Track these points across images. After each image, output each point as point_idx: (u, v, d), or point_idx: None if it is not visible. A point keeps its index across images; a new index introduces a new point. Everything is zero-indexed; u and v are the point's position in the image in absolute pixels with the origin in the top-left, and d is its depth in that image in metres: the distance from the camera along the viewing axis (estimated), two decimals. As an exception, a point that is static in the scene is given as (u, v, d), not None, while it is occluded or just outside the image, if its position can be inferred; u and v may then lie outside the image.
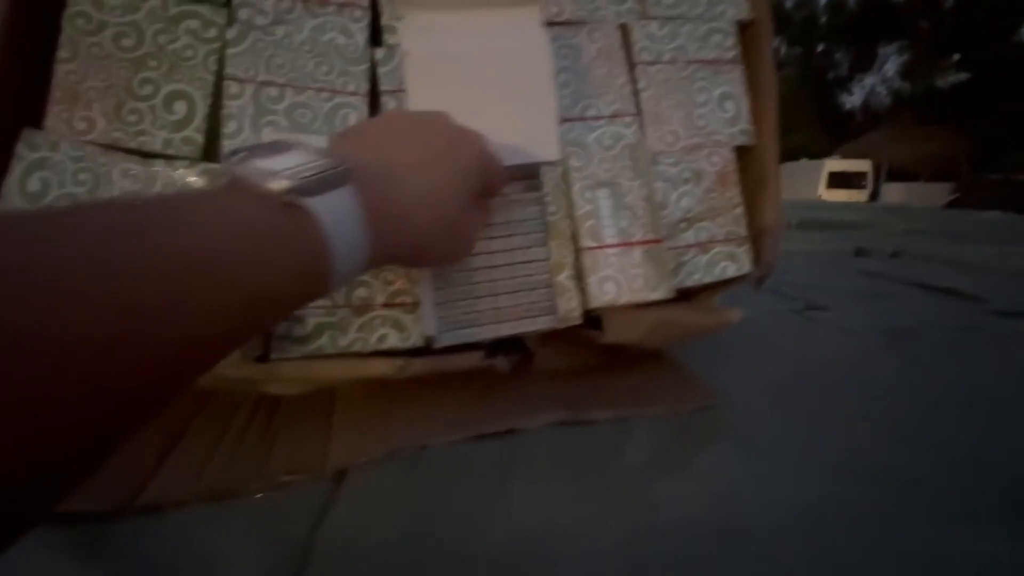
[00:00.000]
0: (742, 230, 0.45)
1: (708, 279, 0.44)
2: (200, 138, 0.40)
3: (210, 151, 0.40)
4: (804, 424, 0.38)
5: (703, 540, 0.26)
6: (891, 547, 0.25)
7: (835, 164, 8.24)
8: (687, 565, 0.24)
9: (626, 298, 0.38)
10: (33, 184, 0.37)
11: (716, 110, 0.46)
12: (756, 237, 0.46)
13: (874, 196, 7.50)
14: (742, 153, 0.46)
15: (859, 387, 0.46)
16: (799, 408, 0.41)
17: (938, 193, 7.63)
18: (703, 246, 0.44)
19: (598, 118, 0.44)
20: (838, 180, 7.84)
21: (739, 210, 0.45)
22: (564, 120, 0.43)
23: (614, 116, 0.44)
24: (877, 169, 8.30)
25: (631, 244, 0.39)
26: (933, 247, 1.38)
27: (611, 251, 0.38)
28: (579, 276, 0.40)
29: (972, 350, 0.57)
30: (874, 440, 0.36)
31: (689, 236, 0.44)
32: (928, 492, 0.30)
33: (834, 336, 0.61)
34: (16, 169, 0.37)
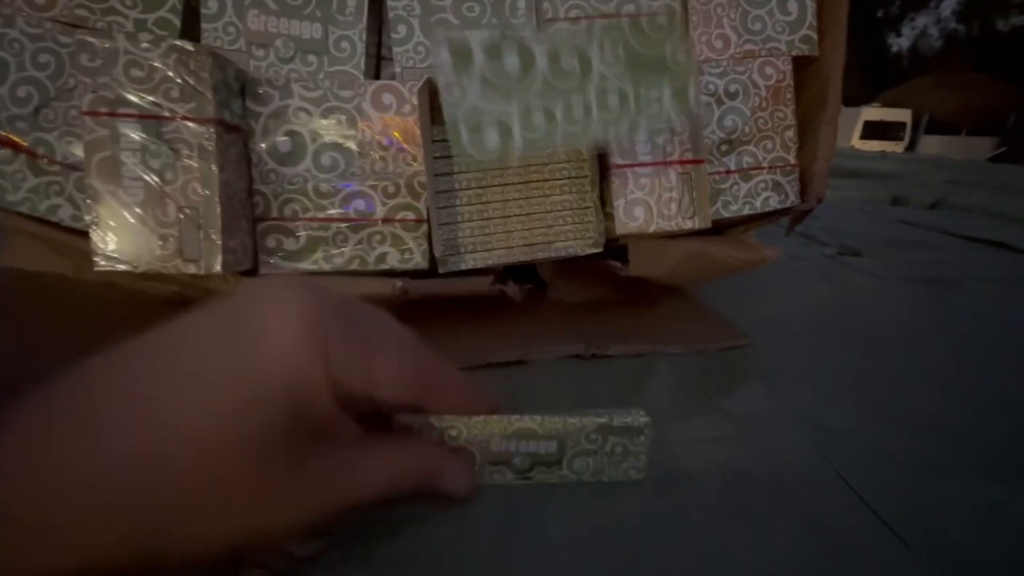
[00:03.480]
0: (791, 156, 0.40)
1: (747, 211, 0.39)
2: (176, 21, 0.35)
3: (187, 35, 0.35)
4: (840, 371, 0.35)
5: (731, 487, 0.23)
6: (938, 501, 0.23)
7: (872, 113, 7.74)
8: (713, 513, 0.22)
9: (657, 225, 0.34)
10: (-10, 66, 0.32)
11: (775, 12, 0.39)
12: (805, 166, 0.41)
13: (910, 148, 7.10)
14: (800, 65, 0.40)
15: (899, 335, 0.42)
16: (834, 354, 0.38)
17: (980, 147, 7.18)
18: (744, 172, 0.39)
19: (636, 16, 0.37)
20: (874, 130, 7.39)
21: (790, 133, 0.40)
22: (597, 17, 0.37)
23: (655, 14, 0.37)
24: (917, 119, 7.79)
25: (667, 163, 0.34)
26: (975, 199, 1.29)
27: (643, 170, 0.34)
28: (605, 198, 0.36)
29: (1018, 302, 0.53)
30: (918, 390, 0.33)
31: (730, 161, 0.39)
32: (976, 444, 0.27)
33: (869, 283, 0.57)
34: (-31, 48, 0.32)
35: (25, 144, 0.33)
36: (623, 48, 0.27)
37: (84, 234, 0.33)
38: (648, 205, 0.34)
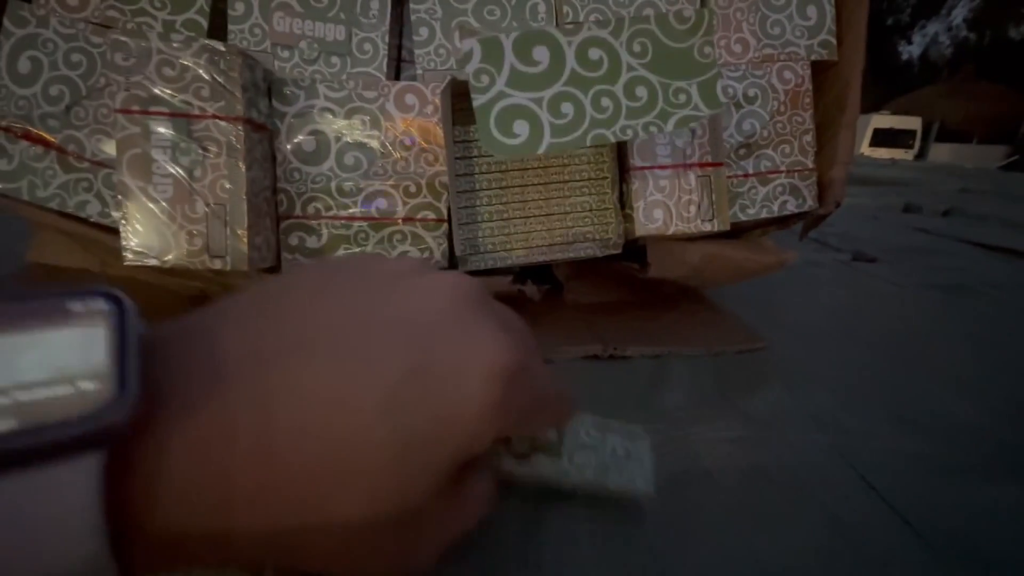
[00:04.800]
0: (809, 161, 0.40)
1: (765, 214, 0.39)
2: (204, 22, 0.35)
3: (213, 37, 0.36)
4: (858, 374, 0.35)
5: (751, 485, 0.23)
6: (958, 501, 0.23)
7: (882, 120, 7.71)
8: (734, 511, 0.22)
9: (676, 228, 0.34)
10: (23, 65, 0.33)
11: (795, 16, 0.39)
12: (823, 170, 0.41)
13: (920, 156, 7.05)
14: (819, 70, 0.40)
15: (916, 339, 0.42)
16: (851, 358, 0.37)
17: (991, 156, 7.13)
18: (762, 176, 0.39)
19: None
20: (883, 137, 7.36)
21: (808, 137, 0.40)
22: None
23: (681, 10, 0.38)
24: (927, 127, 7.74)
25: (687, 166, 0.34)
26: (988, 207, 1.28)
27: (663, 172, 0.34)
28: (624, 200, 0.36)
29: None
30: (936, 393, 0.33)
31: (748, 164, 0.39)
32: (995, 447, 0.27)
33: (885, 288, 0.57)
34: (4, 47, 0.33)
35: (56, 141, 0.33)
36: (651, 42, 0.27)
37: (110, 230, 0.34)
38: (667, 207, 0.34)
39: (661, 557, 0.19)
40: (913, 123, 7.58)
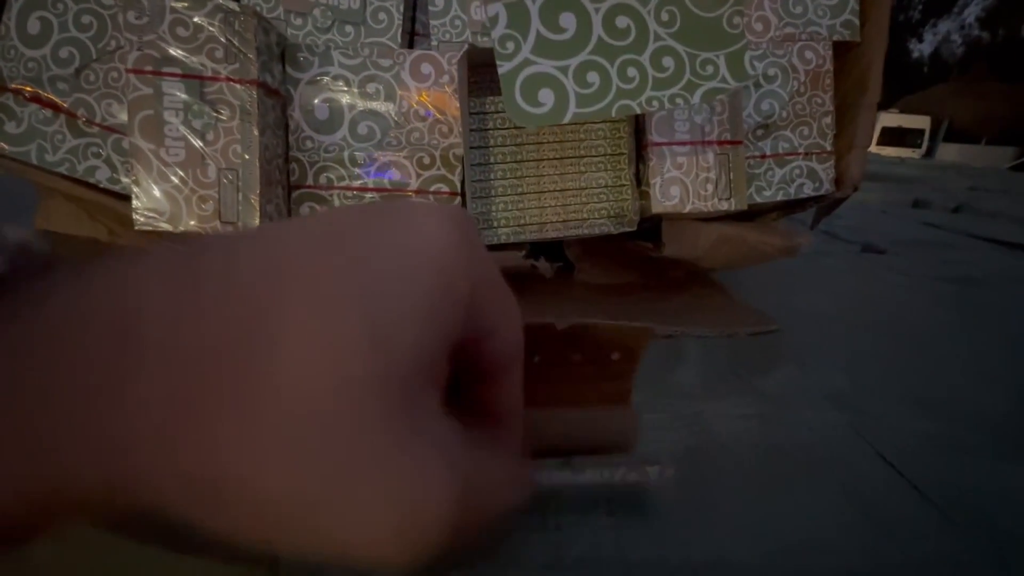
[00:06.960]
0: (827, 143, 0.39)
1: (781, 196, 0.39)
2: (217, -14, 0.35)
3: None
4: (872, 359, 0.34)
5: (769, 460, 0.23)
6: (974, 479, 0.23)
7: (890, 119, 7.65)
8: (752, 482, 0.21)
9: (693, 205, 0.33)
10: (33, 26, 0.32)
11: (818, -5, 0.38)
12: (842, 154, 0.40)
13: (928, 156, 7.01)
14: (841, 51, 0.39)
15: (928, 328, 0.42)
16: (865, 343, 0.37)
17: (1000, 156, 7.07)
18: (779, 158, 0.39)
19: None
20: (891, 136, 7.31)
21: (828, 119, 0.39)
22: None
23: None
24: (935, 127, 7.69)
25: (705, 143, 0.33)
26: (998, 204, 1.27)
27: (681, 149, 0.33)
28: (641, 177, 0.35)
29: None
30: (951, 378, 0.32)
31: (765, 145, 0.39)
32: (1010, 429, 0.27)
33: (896, 279, 0.56)
34: (13, 7, 0.32)
35: (65, 105, 0.33)
36: (679, 10, 0.27)
37: (119, 196, 0.34)
38: (684, 184, 0.33)
39: (680, 526, 0.19)
40: (922, 122, 7.53)
